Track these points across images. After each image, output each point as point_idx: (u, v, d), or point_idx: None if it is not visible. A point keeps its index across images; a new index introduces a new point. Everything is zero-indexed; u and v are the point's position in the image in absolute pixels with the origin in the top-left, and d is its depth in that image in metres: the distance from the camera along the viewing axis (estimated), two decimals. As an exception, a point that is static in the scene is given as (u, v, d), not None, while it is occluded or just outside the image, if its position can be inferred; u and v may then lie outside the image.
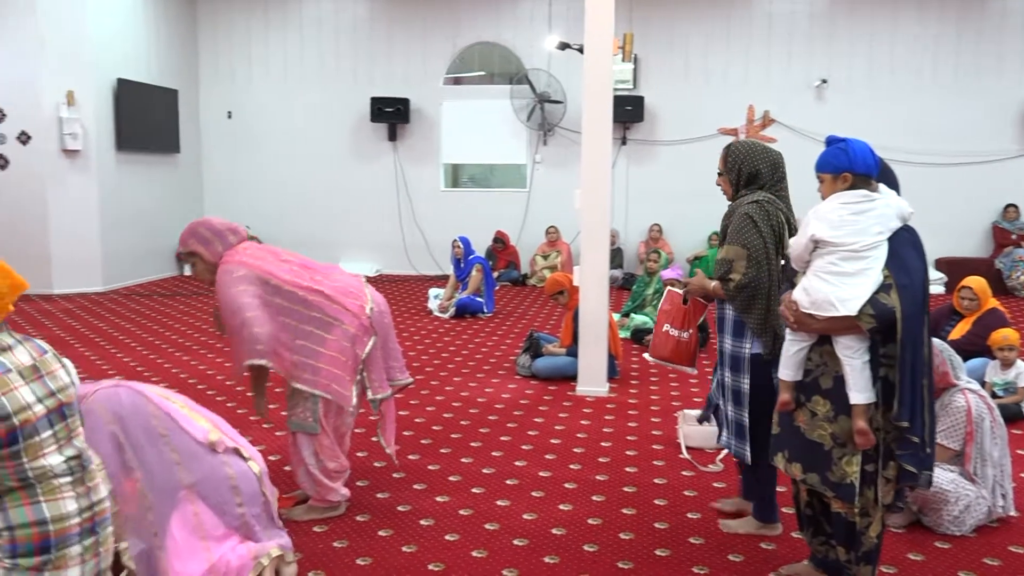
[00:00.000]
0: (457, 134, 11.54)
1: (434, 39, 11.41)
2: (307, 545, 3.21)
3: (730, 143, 3.34)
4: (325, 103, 11.38)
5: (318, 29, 11.58)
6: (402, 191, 11.59)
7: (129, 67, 10.12)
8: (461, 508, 3.59)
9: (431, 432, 4.67)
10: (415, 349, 6.82)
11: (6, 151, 9.46)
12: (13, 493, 1.95)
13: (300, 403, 3.38)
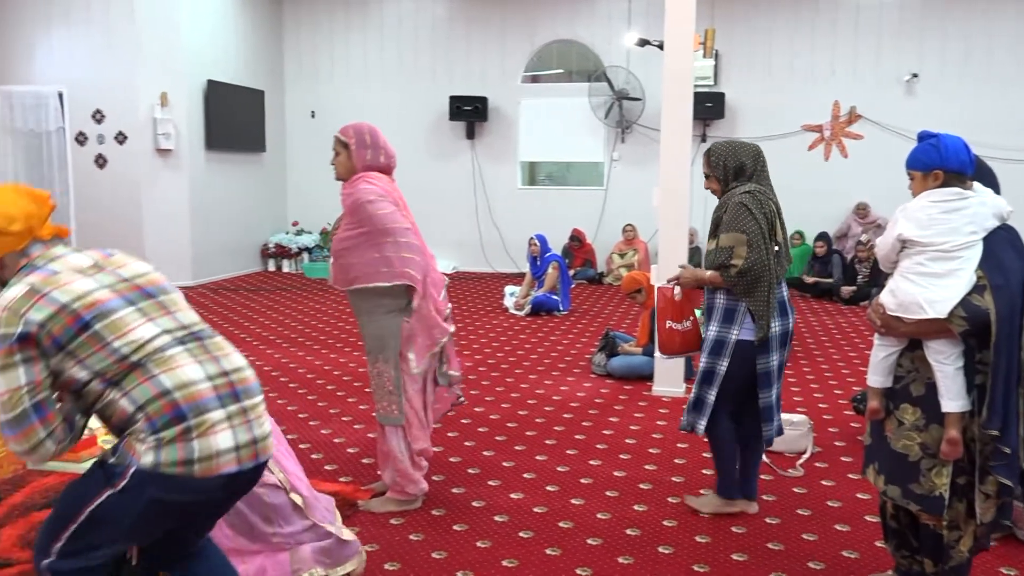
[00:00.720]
0: (535, 132, 11.55)
1: (512, 37, 11.45)
2: (384, 537, 3.26)
3: (708, 147, 3.49)
4: (405, 102, 11.54)
5: (398, 29, 11.75)
6: (479, 189, 11.67)
7: (218, 69, 10.47)
8: (535, 505, 3.60)
9: (506, 429, 4.69)
10: (490, 346, 6.86)
11: (105, 151, 9.91)
12: (129, 376, 1.96)
13: (385, 396, 3.42)
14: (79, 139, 9.95)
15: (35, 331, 1.89)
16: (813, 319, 8.25)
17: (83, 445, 3.93)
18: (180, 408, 1.94)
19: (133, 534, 2.04)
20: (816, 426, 4.54)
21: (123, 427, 1.98)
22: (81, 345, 1.93)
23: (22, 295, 1.92)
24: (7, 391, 1.89)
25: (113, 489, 1.95)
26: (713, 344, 3.33)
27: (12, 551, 3.06)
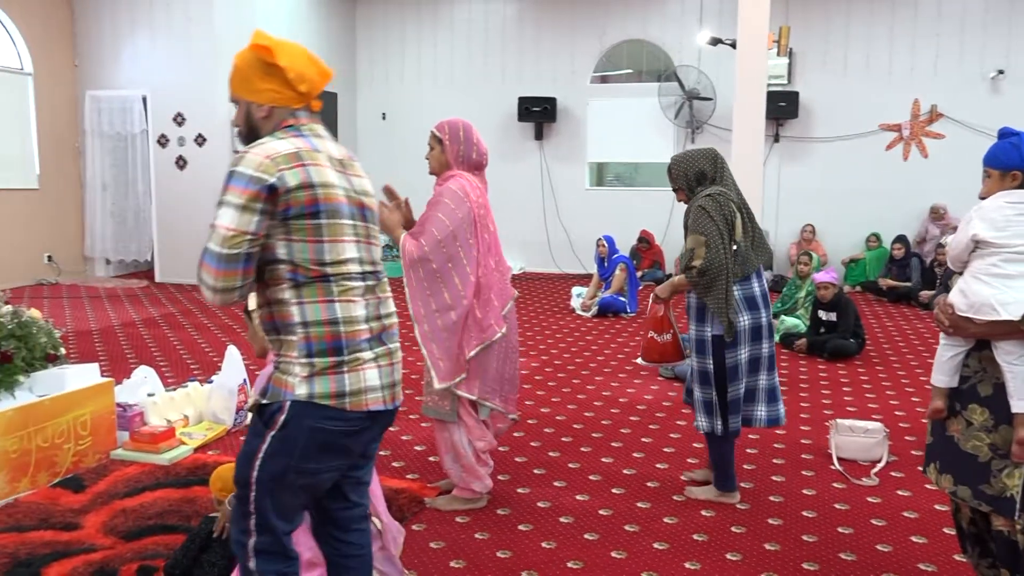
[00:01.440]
0: (603, 132, 11.50)
1: (581, 38, 11.42)
2: (449, 535, 3.29)
3: (669, 163, 3.71)
4: (473, 103, 11.61)
5: (468, 30, 11.84)
6: (547, 189, 11.67)
7: (293, 72, 10.69)
8: (601, 508, 3.59)
9: (572, 430, 4.69)
10: (557, 347, 6.86)
11: (184, 152, 10.24)
12: (312, 286, 1.96)
13: (438, 390, 3.44)
14: (161, 141, 10.31)
15: (281, 191, 1.90)
16: (890, 324, 8.01)
17: (162, 437, 4.09)
18: (340, 341, 1.97)
19: (303, 476, 2.01)
20: (892, 434, 4.41)
21: (277, 329, 1.99)
22: (301, 228, 1.93)
23: (287, 153, 1.94)
24: (236, 230, 1.88)
25: (274, 429, 1.95)
26: (696, 344, 3.53)
27: (96, 537, 3.18)
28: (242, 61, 2.15)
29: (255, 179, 1.88)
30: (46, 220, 10.19)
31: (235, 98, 2.15)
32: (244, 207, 1.87)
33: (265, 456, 1.96)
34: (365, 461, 2.21)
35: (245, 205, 1.87)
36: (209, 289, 1.90)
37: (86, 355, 6.21)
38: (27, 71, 9.91)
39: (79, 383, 3.93)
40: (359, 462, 2.17)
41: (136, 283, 10.24)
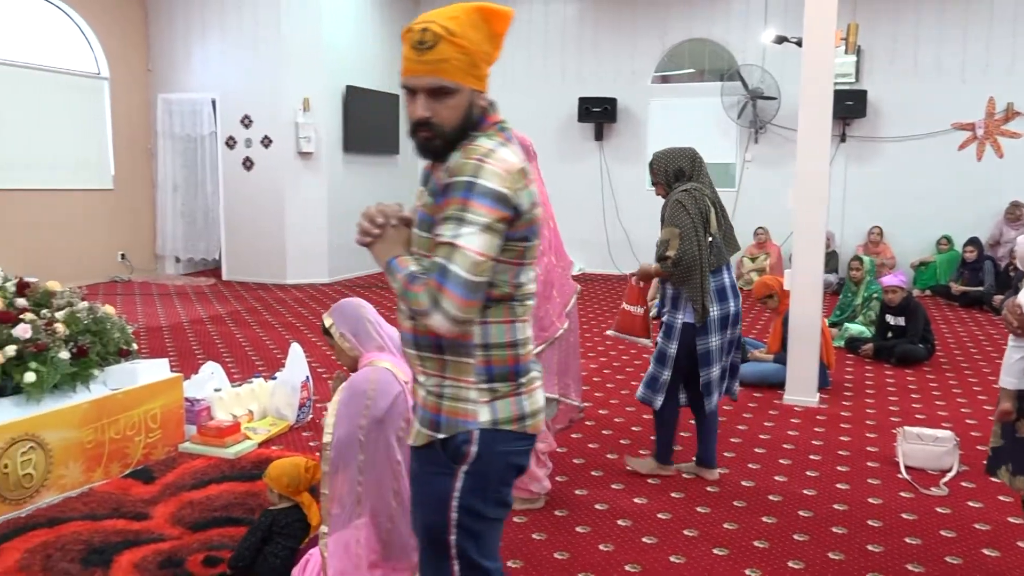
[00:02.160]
0: (664, 133, 11.39)
1: (643, 37, 11.34)
2: (506, 534, 3.30)
3: (651, 159, 3.92)
4: (533, 104, 11.62)
5: (528, 31, 11.86)
6: (607, 190, 11.62)
7: (357, 75, 10.87)
8: (659, 511, 3.56)
9: (630, 433, 4.66)
10: (615, 348, 6.82)
11: (251, 153, 10.48)
12: (499, 306, 1.76)
13: None
14: (229, 143, 10.57)
15: (522, 213, 1.70)
16: (961, 329, 7.76)
17: (227, 431, 4.19)
18: (519, 365, 1.81)
19: (501, 507, 1.86)
20: (963, 443, 4.27)
21: (442, 349, 1.78)
22: (512, 249, 1.73)
23: (519, 169, 1.72)
24: (485, 255, 1.65)
25: (466, 463, 1.78)
26: (665, 328, 3.80)
27: (165, 527, 3.28)
28: (474, 33, 1.75)
29: (502, 198, 1.66)
30: (120, 220, 10.54)
31: (452, 86, 1.74)
32: (491, 228, 1.65)
33: (462, 494, 1.80)
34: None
35: (492, 226, 1.65)
36: (449, 319, 1.65)
37: (156, 351, 6.41)
38: (104, 76, 10.27)
39: (150, 378, 4.05)
40: None
41: (204, 281, 10.51)
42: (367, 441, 2.52)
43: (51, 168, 9.64)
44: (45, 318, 3.74)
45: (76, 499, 3.53)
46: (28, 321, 3.60)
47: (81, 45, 10.08)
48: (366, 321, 2.69)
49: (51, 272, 6.35)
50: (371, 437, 2.53)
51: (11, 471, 3.34)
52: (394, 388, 2.56)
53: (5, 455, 3.31)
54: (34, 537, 3.14)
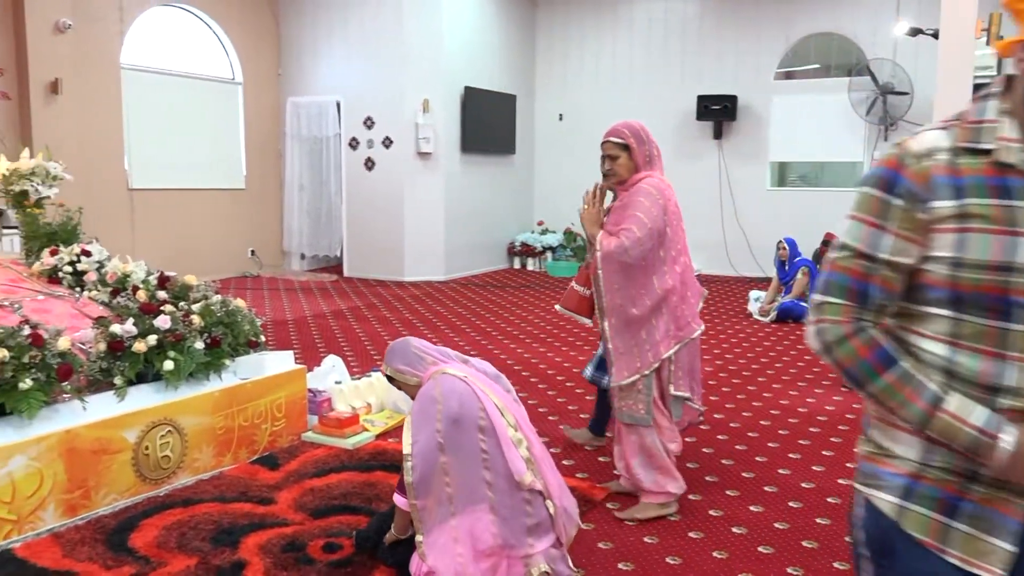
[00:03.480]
0: (787, 131, 11.05)
1: (766, 33, 11.02)
2: (618, 536, 3.28)
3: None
4: (651, 103, 11.49)
5: (647, 29, 11.72)
6: (725, 190, 11.36)
7: (475, 76, 11.03)
8: (776, 521, 3.45)
9: (746, 439, 4.54)
10: (732, 352, 6.66)
11: (373, 154, 10.80)
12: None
13: (632, 394, 3.42)
14: (352, 144, 10.93)
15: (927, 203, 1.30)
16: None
17: (347, 422, 4.33)
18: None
19: None
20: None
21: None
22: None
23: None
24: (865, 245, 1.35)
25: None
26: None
27: (288, 512, 3.42)
28: None
29: (888, 181, 1.35)
30: (250, 218, 11.07)
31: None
32: (873, 211, 1.37)
33: None
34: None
35: (876, 208, 1.37)
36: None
37: (282, 343, 6.70)
38: (238, 81, 10.82)
39: (276, 368, 4.24)
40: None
41: (326, 277, 10.91)
42: (447, 442, 2.62)
43: (189, 169, 10.24)
44: (183, 310, 3.96)
45: (208, 482, 3.73)
46: (168, 313, 3.83)
47: (218, 52, 10.64)
48: (412, 349, 2.90)
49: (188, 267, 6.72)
50: (450, 436, 2.62)
51: (151, 453, 3.56)
52: (459, 386, 2.70)
53: (146, 438, 3.54)
54: (170, 516, 3.34)
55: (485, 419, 2.66)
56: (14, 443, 3.10)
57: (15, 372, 3.16)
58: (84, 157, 8.40)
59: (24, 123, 8.24)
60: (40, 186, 4.84)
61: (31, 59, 8.25)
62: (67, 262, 4.48)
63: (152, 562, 2.95)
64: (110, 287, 4.28)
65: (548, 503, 2.69)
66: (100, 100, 9.05)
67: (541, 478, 2.70)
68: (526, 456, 2.68)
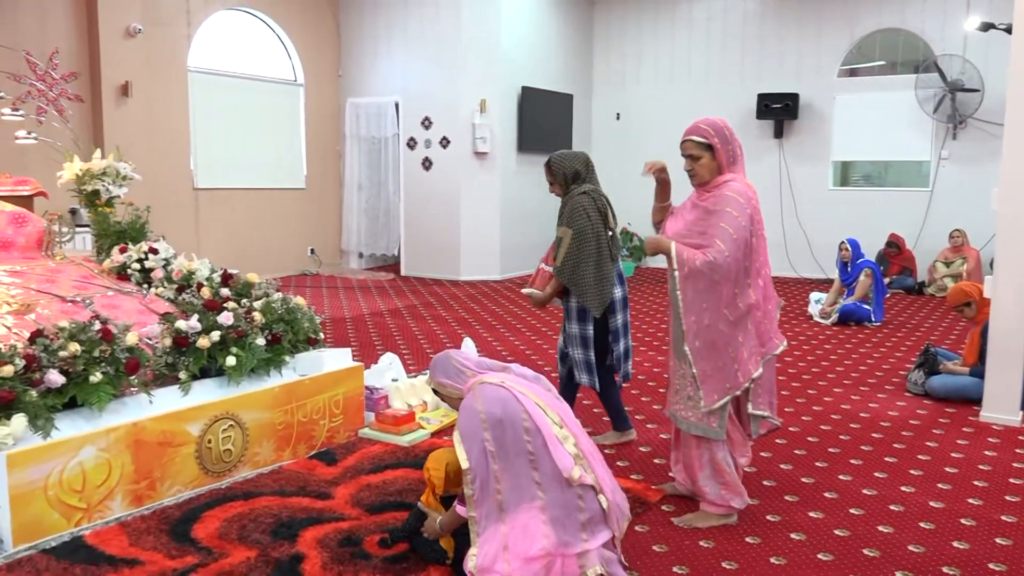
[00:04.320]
0: (850, 129, 10.81)
1: (829, 29, 10.80)
2: (673, 539, 3.25)
3: (548, 159, 4.29)
4: (709, 101, 11.35)
5: (707, 27, 11.59)
6: (786, 190, 11.16)
7: (532, 75, 11.04)
8: (836, 528, 3.38)
9: (806, 443, 4.46)
10: (792, 355, 6.55)
11: (430, 154, 10.89)
12: None
13: (693, 400, 3.35)
14: (410, 144, 11.04)
15: None
16: None
17: (403, 420, 4.37)
18: None
19: None
20: None
21: None
22: None
23: None
24: None
25: None
26: (578, 313, 4.12)
27: (345, 508, 3.47)
28: None
29: None
30: (310, 217, 11.27)
31: None
32: None
33: None
34: None
35: None
36: None
37: (340, 340, 6.80)
38: (299, 83, 11.02)
39: (334, 365, 4.31)
40: None
41: (384, 276, 11.04)
42: (495, 449, 2.64)
43: (251, 169, 10.48)
44: (245, 307, 4.06)
45: (267, 475, 3.80)
46: (230, 309, 3.92)
47: (280, 55, 10.85)
48: (452, 363, 2.95)
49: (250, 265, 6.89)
50: (497, 443, 2.65)
51: (213, 446, 3.65)
52: (499, 392, 2.73)
53: (209, 431, 3.63)
54: (231, 508, 3.42)
55: (528, 420, 2.67)
56: (85, 434, 3.21)
57: (86, 366, 3.28)
58: (152, 157, 8.65)
59: (96, 125, 8.53)
60: (111, 186, 5.01)
61: (103, 63, 8.54)
62: (135, 259, 4.62)
63: (214, 553, 3.02)
64: (176, 284, 4.41)
65: (600, 497, 2.69)
66: (168, 102, 9.31)
67: (591, 472, 2.70)
68: (574, 452, 2.68)
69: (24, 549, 2.99)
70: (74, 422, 3.25)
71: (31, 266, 4.42)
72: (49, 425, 3.13)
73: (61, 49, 7.42)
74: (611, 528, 2.72)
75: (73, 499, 3.16)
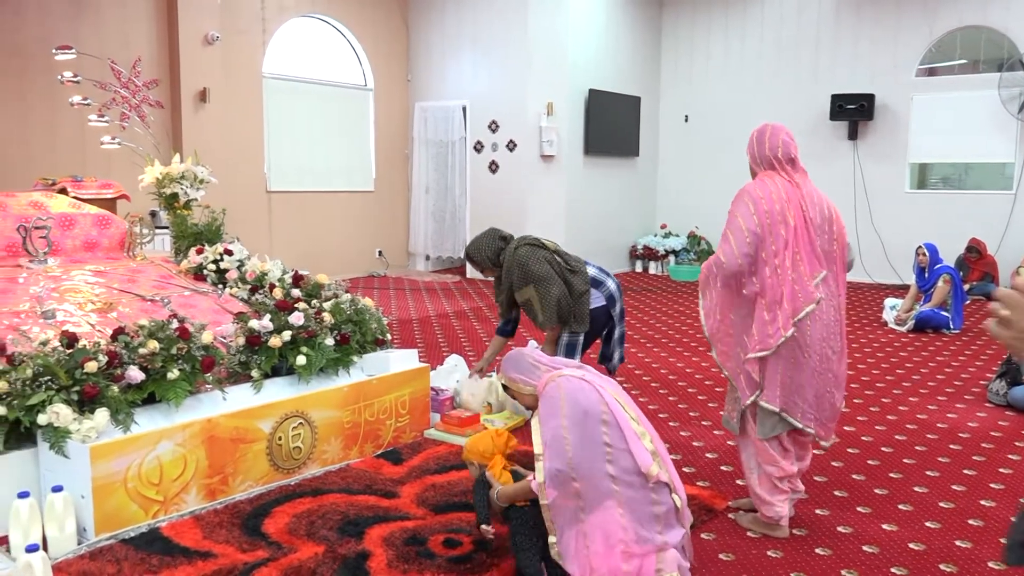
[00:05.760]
0: (929, 130, 10.47)
1: (907, 27, 10.48)
2: (740, 548, 3.20)
3: (466, 253, 4.71)
4: (781, 102, 11.14)
5: (779, 27, 11.37)
6: (860, 193, 10.88)
7: (599, 78, 11.01)
8: (911, 541, 3.28)
9: (879, 453, 4.33)
10: (865, 362, 6.37)
11: (497, 157, 10.95)
12: None
13: (731, 401, 3.35)
14: (476, 147, 11.11)
15: None
16: None
17: (468, 421, 4.40)
18: None
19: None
20: None
21: None
22: None
23: None
24: None
25: None
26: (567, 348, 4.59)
27: (410, 507, 3.51)
28: None
29: None
30: (378, 219, 11.44)
31: None
32: None
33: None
34: None
35: None
36: None
37: (406, 341, 6.88)
38: (369, 87, 11.20)
39: (401, 366, 4.36)
40: None
41: (449, 278, 11.13)
42: (572, 437, 2.63)
43: (322, 172, 10.69)
44: (315, 308, 4.14)
45: (335, 473, 3.87)
46: (301, 310, 4.01)
47: (351, 60, 11.05)
48: (527, 359, 2.98)
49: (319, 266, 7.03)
50: (575, 432, 2.63)
51: (284, 443, 3.74)
52: (580, 384, 2.74)
53: (279, 429, 3.71)
54: (300, 504, 3.49)
55: (607, 413, 2.67)
56: (162, 428, 3.32)
57: (164, 363, 3.39)
58: (227, 161, 8.90)
59: (175, 130, 8.81)
60: (189, 189, 5.17)
61: (183, 70, 8.82)
62: (211, 260, 4.76)
63: (283, 548, 3.09)
64: (249, 284, 4.53)
65: (674, 496, 2.67)
66: (243, 107, 9.57)
67: (666, 470, 2.69)
68: (651, 449, 2.67)
69: (105, 538, 3.10)
70: (152, 417, 3.37)
71: (114, 266, 4.60)
72: (129, 419, 3.25)
73: (143, 57, 7.70)
74: (683, 525, 2.71)
75: (151, 492, 3.27)
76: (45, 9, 7.93)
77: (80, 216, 4.84)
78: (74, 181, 5.66)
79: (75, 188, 5.54)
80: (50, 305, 3.92)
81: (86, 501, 3.09)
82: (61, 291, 4.15)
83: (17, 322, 3.74)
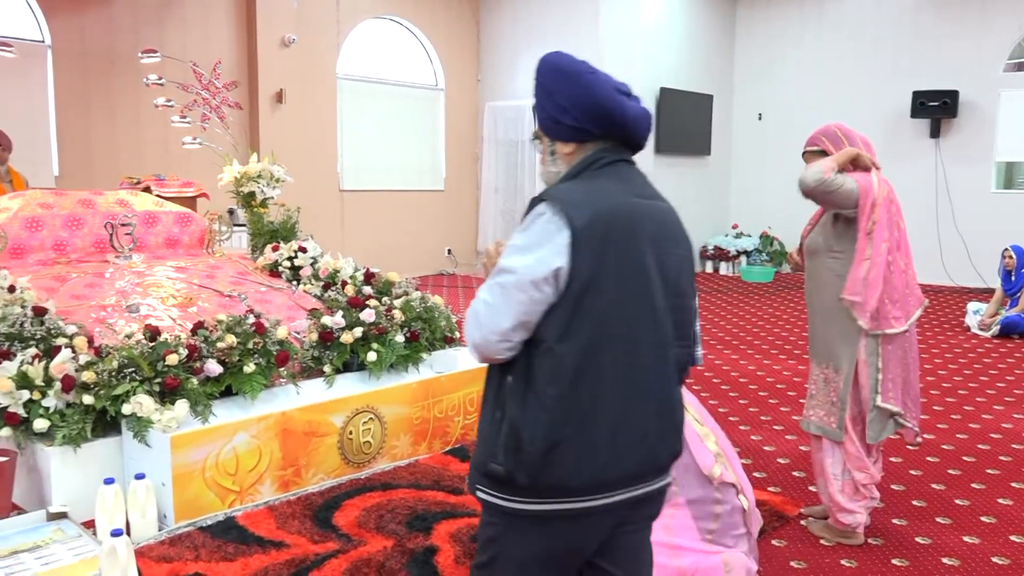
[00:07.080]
0: (1017, 128, 10.06)
1: (993, 21, 10.08)
2: (813, 556, 3.13)
3: None
4: (859, 100, 10.83)
5: (857, 23, 11.06)
6: (942, 193, 10.50)
7: (671, 76, 10.89)
8: (994, 555, 3.15)
9: (961, 463, 4.18)
10: (947, 368, 6.15)
11: (565, 156, 10.92)
12: None
13: (825, 405, 3.26)
14: (544, 146, 11.09)
15: None
16: None
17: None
18: None
19: None
20: None
21: None
22: None
23: None
24: None
25: None
26: None
27: (477, 504, 3.51)
28: None
29: None
30: (448, 218, 11.54)
31: None
32: None
33: None
34: None
35: None
36: None
37: (475, 340, 6.91)
38: (440, 87, 11.30)
39: (469, 364, 4.38)
40: None
41: (518, 277, 11.14)
42: None
43: (394, 171, 10.84)
44: (386, 305, 4.20)
45: (404, 468, 3.92)
46: (372, 307, 4.07)
47: (423, 61, 11.17)
48: None
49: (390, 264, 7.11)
50: None
51: (354, 438, 3.80)
52: None
53: (350, 423, 3.78)
54: (370, 498, 3.54)
55: None
56: (239, 420, 3.41)
57: (241, 356, 3.48)
58: (302, 161, 9.10)
59: (253, 130, 9.05)
60: (265, 188, 5.31)
61: (260, 72, 9.05)
62: (286, 257, 4.87)
63: (353, 540, 3.14)
64: (322, 281, 4.62)
65: (741, 497, 2.63)
66: (318, 108, 9.77)
67: (732, 471, 2.64)
68: (715, 450, 2.63)
69: (184, 525, 3.21)
70: (229, 409, 3.46)
71: (193, 262, 4.75)
72: (207, 411, 3.35)
73: (223, 60, 7.93)
74: (748, 527, 2.66)
75: (227, 482, 3.36)
76: (136, 16, 8.23)
77: (163, 214, 5.00)
78: (157, 180, 5.87)
79: (158, 187, 5.75)
80: (134, 299, 4.07)
81: (166, 489, 3.20)
82: (144, 286, 4.30)
83: (104, 315, 3.89)
